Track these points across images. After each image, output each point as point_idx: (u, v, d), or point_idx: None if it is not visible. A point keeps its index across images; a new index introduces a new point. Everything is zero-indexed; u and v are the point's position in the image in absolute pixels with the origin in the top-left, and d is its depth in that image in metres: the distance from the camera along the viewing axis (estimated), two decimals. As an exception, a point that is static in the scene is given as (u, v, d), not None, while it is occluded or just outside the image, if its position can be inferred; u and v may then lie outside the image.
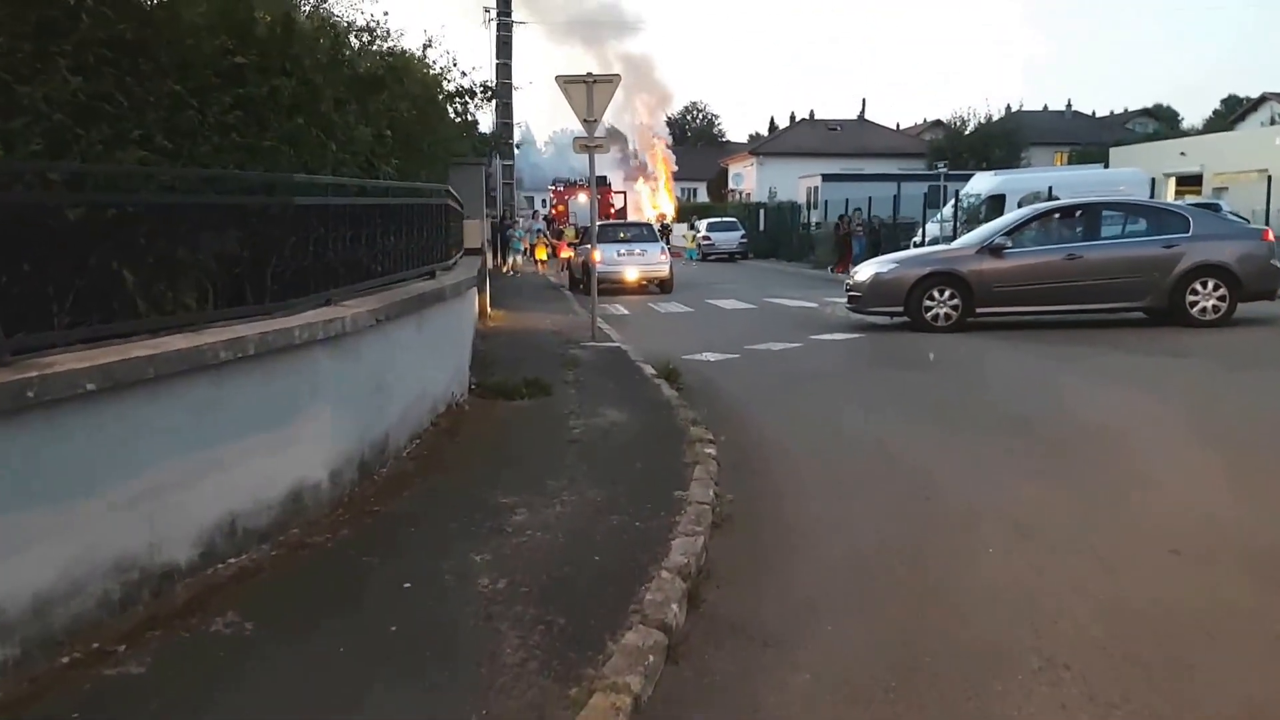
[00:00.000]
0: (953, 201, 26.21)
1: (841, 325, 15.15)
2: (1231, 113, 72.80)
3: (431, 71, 12.46)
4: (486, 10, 32.22)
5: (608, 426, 7.61)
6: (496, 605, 4.02)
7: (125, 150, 4.24)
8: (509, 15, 33.54)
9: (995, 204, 28.41)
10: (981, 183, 29.36)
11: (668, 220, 53.07)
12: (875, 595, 4.44)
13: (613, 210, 49.47)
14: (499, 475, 6.10)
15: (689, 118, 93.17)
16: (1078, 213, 14.14)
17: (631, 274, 22.97)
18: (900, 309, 13.90)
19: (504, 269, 29.03)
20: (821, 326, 15.19)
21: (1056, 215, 14.28)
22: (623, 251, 23.18)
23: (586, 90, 12.92)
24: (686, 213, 55.67)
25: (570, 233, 48.04)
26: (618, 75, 13.15)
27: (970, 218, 26.33)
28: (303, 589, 4.21)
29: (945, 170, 27.41)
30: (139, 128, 4.34)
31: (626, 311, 19.06)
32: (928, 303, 13.70)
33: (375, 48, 8.98)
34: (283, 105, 5.32)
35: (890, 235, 27.88)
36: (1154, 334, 12.84)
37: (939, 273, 13.77)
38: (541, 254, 32.41)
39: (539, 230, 33.64)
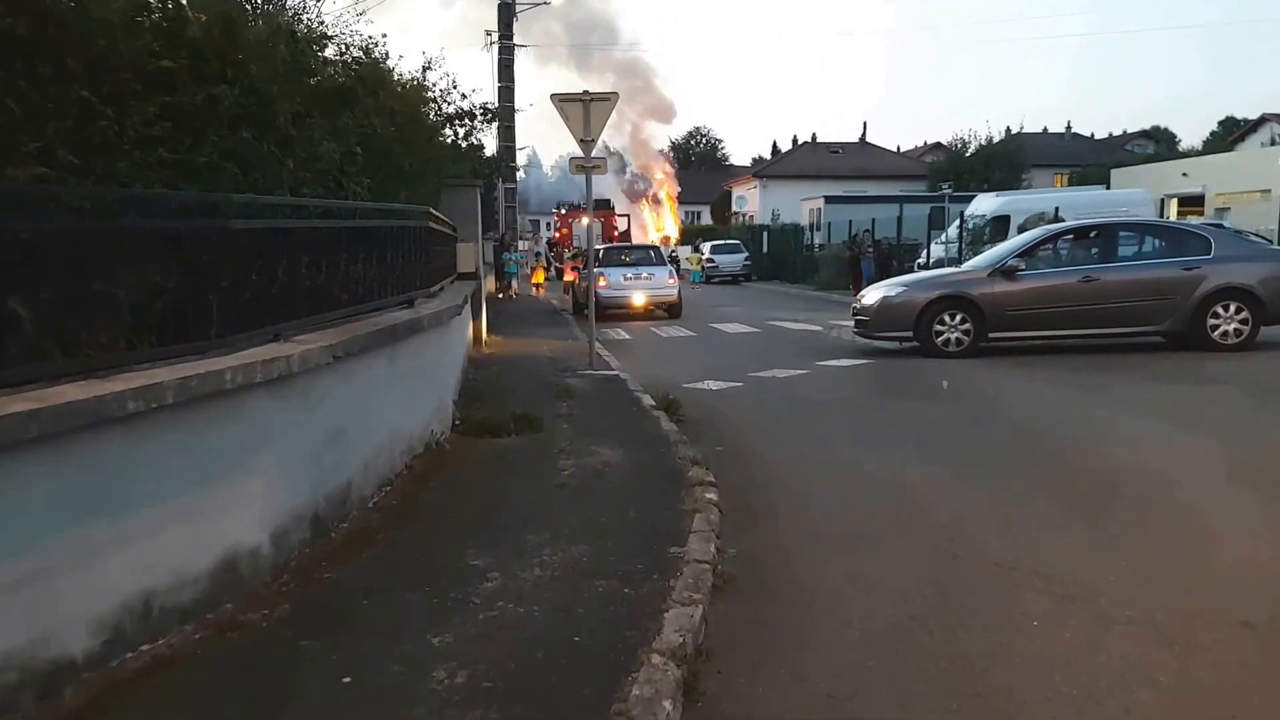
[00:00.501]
0: (957, 222, 25.50)
1: (848, 350, 14.42)
2: (1230, 134, 72.12)
3: (429, 93, 11.83)
4: (488, 34, 31.63)
5: (600, 467, 6.89)
6: (451, 709, 3.29)
7: (19, 166, 3.54)
8: (510, 38, 33.01)
9: (1000, 225, 27.76)
10: (985, 204, 28.75)
11: (672, 243, 52.31)
12: (906, 685, 3.69)
13: (616, 233, 48.71)
14: (473, 530, 5.37)
15: (693, 142, 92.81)
16: (1093, 234, 13.42)
17: (638, 299, 21.92)
18: (910, 334, 13.16)
19: (500, 294, 28.27)
20: (827, 352, 14.46)
21: (1071, 236, 13.52)
22: (629, 275, 22.19)
23: (583, 109, 12.26)
24: (690, 235, 54.99)
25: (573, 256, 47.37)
26: (615, 93, 12.47)
27: (975, 239, 25.69)
28: (222, 685, 3.49)
29: (950, 191, 26.64)
30: (36, 140, 3.64)
31: (628, 336, 18.36)
32: (938, 327, 12.96)
33: (368, 59, 8.34)
34: (223, 116, 4.63)
35: (895, 256, 27.17)
36: (1176, 360, 12.08)
37: (949, 296, 13.03)
38: (538, 278, 30.93)
39: (538, 254, 32.64)
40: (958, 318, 12.93)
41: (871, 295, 13.85)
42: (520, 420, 8.22)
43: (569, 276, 29.62)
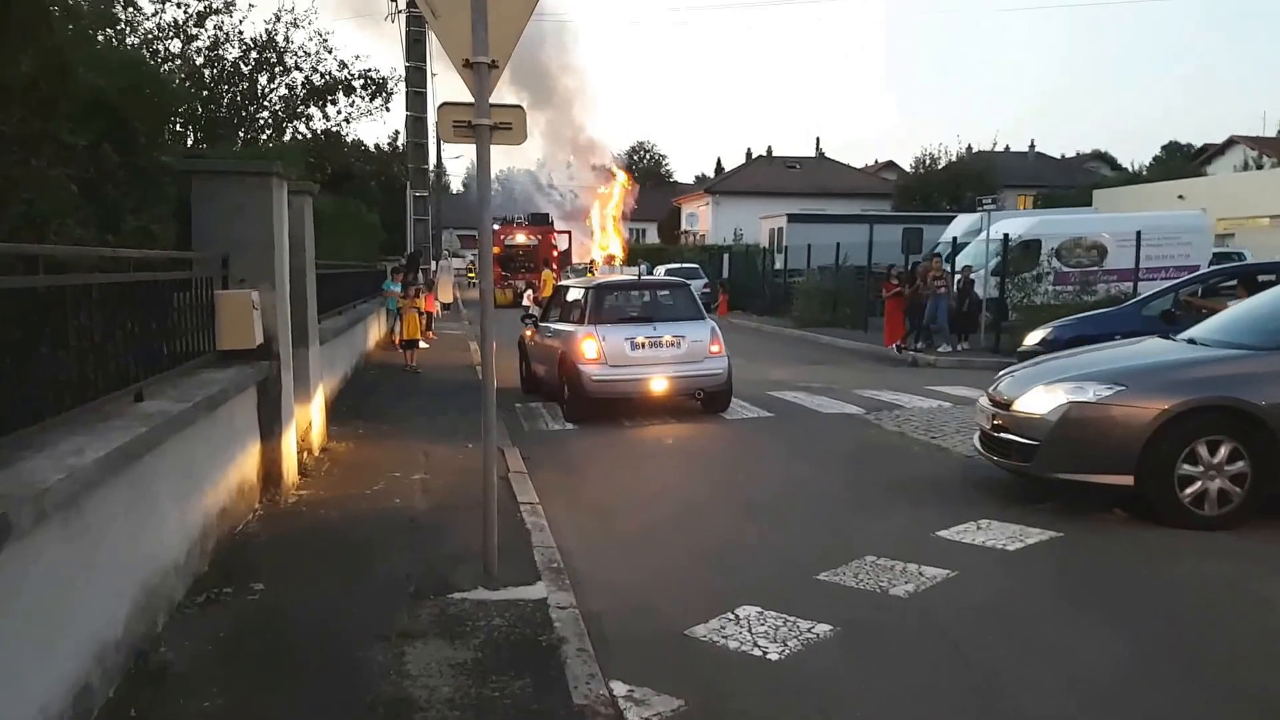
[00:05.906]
0: (994, 243, 18.59)
1: (968, 489, 7.45)
2: (1173, 159, 67.10)
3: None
4: (393, 1, 24.06)
5: None
6: None
7: None
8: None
9: (1028, 252, 21.29)
10: (1010, 225, 22.13)
11: (617, 263, 43.84)
12: None
13: (556, 253, 39.89)
14: None
15: (635, 157, 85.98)
16: None
17: (658, 383, 11.15)
18: (1128, 479, 6.24)
19: (398, 341, 16.90)
20: (931, 489, 7.48)
21: None
22: (643, 339, 11.29)
23: (471, 3, 5.22)
24: (638, 256, 47.16)
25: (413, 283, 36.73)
26: (539, -32, 5.41)
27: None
28: None
29: (994, 208, 19.06)
30: None
31: (558, 428, 11.09)
32: (1187, 469, 6.11)
33: None
34: None
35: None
36: None
37: (1211, 406, 6.20)
38: (412, 328, 15.99)
39: (417, 287, 17.45)
40: (1223, 451, 6.08)
41: (1041, 396, 6.68)
42: None
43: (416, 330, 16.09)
